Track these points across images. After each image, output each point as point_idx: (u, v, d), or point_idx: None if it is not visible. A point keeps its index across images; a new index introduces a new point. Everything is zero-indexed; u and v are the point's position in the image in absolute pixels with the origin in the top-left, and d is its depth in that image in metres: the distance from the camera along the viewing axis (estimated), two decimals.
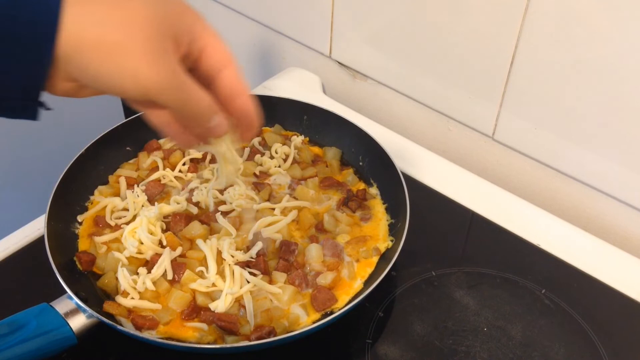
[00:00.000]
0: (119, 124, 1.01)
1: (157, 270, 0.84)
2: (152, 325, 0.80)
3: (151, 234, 0.88)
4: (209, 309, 0.82)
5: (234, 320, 0.80)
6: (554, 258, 0.96)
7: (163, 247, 0.88)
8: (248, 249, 0.88)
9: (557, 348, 0.84)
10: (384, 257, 0.89)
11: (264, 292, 0.83)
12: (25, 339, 0.73)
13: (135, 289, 0.83)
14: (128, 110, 1.90)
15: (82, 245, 0.90)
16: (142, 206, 0.93)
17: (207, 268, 0.85)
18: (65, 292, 0.78)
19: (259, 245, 0.87)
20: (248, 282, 0.84)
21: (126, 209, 0.93)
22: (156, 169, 1.00)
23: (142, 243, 0.87)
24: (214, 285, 0.84)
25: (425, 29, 1.07)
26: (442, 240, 0.99)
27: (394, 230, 0.92)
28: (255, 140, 1.05)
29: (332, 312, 0.83)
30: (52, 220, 0.87)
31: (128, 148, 1.03)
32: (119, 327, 0.78)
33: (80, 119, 1.66)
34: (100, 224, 0.92)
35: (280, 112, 1.08)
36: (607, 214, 1.03)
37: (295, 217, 0.92)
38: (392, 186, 0.95)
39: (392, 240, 0.91)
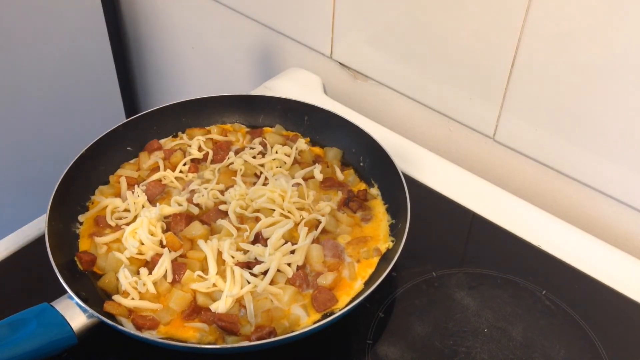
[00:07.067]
0: (119, 124, 1.01)
1: (157, 271, 0.84)
2: (152, 326, 0.80)
3: (151, 234, 0.88)
4: (209, 309, 0.82)
5: (234, 321, 0.80)
6: (555, 259, 0.95)
7: (164, 247, 0.88)
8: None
9: (558, 349, 0.84)
10: (385, 258, 0.89)
11: (264, 293, 0.83)
12: (26, 338, 0.74)
13: (136, 289, 0.83)
14: (129, 110, 1.91)
15: (83, 245, 0.90)
16: (143, 206, 0.93)
17: (207, 269, 0.85)
18: (66, 291, 0.78)
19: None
20: (248, 282, 0.84)
21: (127, 210, 0.93)
22: (157, 169, 1.00)
23: (142, 244, 0.87)
24: (214, 285, 0.84)
25: (427, 30, 1.07)
26: (442, 241, 0.99)
27: (394, 230, 0.92)
28: (256, 141, 1.05)
29: (332, 313, 0.82)
30: (52, 220, 0.87)
31: (129, 148, 1.03)
32: (119, 327, 0.78)
33: (81, 118, 1.67)
34: (101, 224, 0.92)
35: (281, 113, 1.09)
36: (607, 215, 1.03)
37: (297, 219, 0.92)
38: (392, 187, 0.95)
39: (392, 241, 0.91)
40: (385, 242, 0.91)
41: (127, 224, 0.91)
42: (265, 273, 0.85)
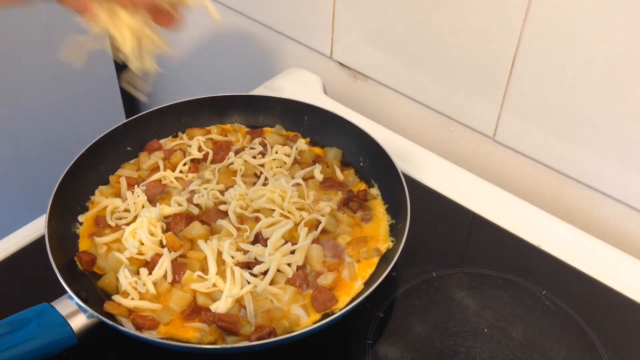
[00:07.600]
0: (119, 124, 1.01)
1: (157, 271, 0.84)
2: (152, 326, 0.80)
3: (151, 234, 0.88)
4: (209, 309, 0.82)
5: (234, 321, 0.80)
6: (555, 259, 0.95)
7: (164, 247, 0.88)
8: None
9: (558, 349, 0.84)
10: (385, 258, 0.89)
11: (264, 293, 0.83)
12: (26, 339, 0.74)
13: (136, 289, 0.83)
14: (129, 110, 1.90)
15: (83, 245, 0.90)
16: (143, 206, 0.93)
17: (207, 269, 0.85)
18: (66, 292, 0.78)
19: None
20: (248, 282, 0.84)
21: (127, 210, 0.93)
22: (157, 169, 1.00)
23: (142, 244, 0.87)
24: (214, 285, 0.84)
25: (427, 30, 1.07)
26: (442, 241, 0.99)
27: (394, 231, 0.92)
28: (256, 141, 1.05)
29: (332, 313, 0.82)
30: (52, 220, 0.87)
31: (129, 148, 1.03)
32: (119, 327, 0.78)
33: (81, 118, 1.67)
34: (101, 224, 0.92)
35: (281, 113, 1.09)
36: (607, 215, 1.03)
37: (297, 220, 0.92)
38: (392, 187, 0.95)
39: (392, 241, 0.91)
40: (385, 242, 0.91)
41: (127, 224, 0.91)
42: (265, 273, 0.85)
